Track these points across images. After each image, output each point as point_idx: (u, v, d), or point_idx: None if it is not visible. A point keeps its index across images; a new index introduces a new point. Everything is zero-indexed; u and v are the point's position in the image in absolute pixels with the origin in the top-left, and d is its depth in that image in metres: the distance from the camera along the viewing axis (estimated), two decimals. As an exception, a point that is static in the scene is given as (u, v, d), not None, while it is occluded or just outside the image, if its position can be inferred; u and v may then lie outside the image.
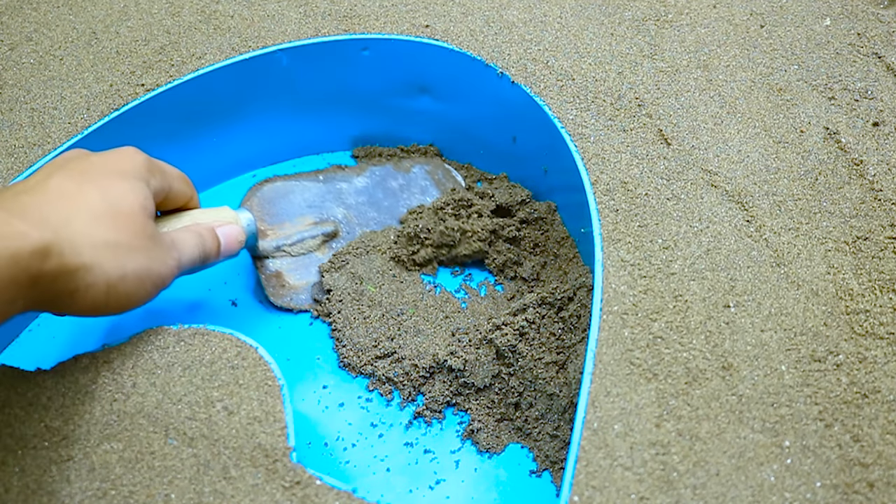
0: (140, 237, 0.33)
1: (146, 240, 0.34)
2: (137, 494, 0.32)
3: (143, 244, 0.34)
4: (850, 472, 0.32)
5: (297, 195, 0.52)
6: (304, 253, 0.49)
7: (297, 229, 0.49)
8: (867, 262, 0.39)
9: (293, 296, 0.48)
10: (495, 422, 0.43)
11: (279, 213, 0.51)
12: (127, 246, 0.33)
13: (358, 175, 0.54)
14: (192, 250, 0.38)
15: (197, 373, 0.36)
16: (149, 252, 0.34)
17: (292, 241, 0.48)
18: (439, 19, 0.52)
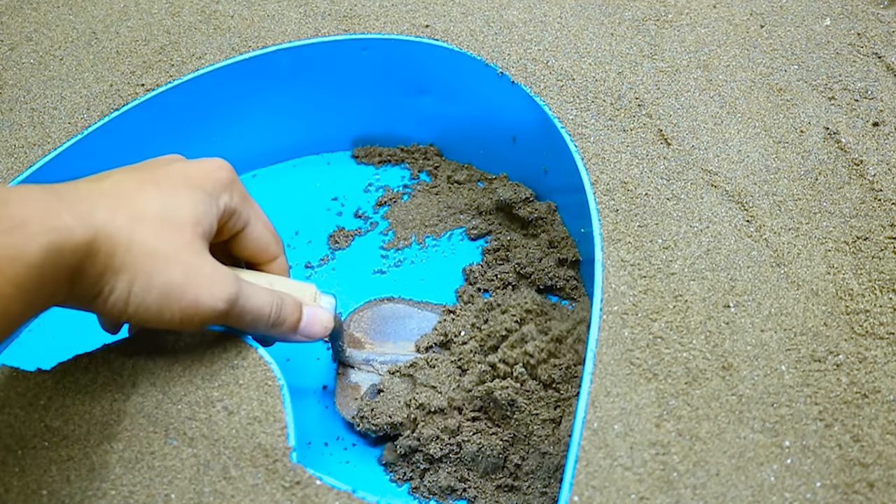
0: (184, 252, 0.31)
1: (190, 256, 0.31)
2: (137, 494, 0.32)
3: (185, 260, 0.31)
4: (850, 472, 0.32)
5: (413, 321, 0.48)
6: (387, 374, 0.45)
7: (396, 351, 0.46)
8: (867, 262, 0.39)
9: (352, 411, 0.44)
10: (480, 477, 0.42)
11: (387, 332, 0.47)
12: (164, 255, 0.30)
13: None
14: (260, 305, 0.34)
15: (197, 373, 0.36)
16: (188, 270, 0.31)
17: (384, 360, 0.45)
18: (439, 19, 0.52)
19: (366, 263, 0.52)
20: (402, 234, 0.53)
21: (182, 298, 0.31)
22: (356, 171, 0.57)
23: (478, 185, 0.56)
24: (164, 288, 0.30)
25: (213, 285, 0.31)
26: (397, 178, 0.57)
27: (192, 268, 0.31)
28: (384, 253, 0.52)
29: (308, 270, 0.52)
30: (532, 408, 0.42)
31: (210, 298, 0.31)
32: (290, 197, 0.56)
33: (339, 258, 0.52)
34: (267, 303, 0.34)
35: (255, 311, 0.34)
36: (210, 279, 0.31)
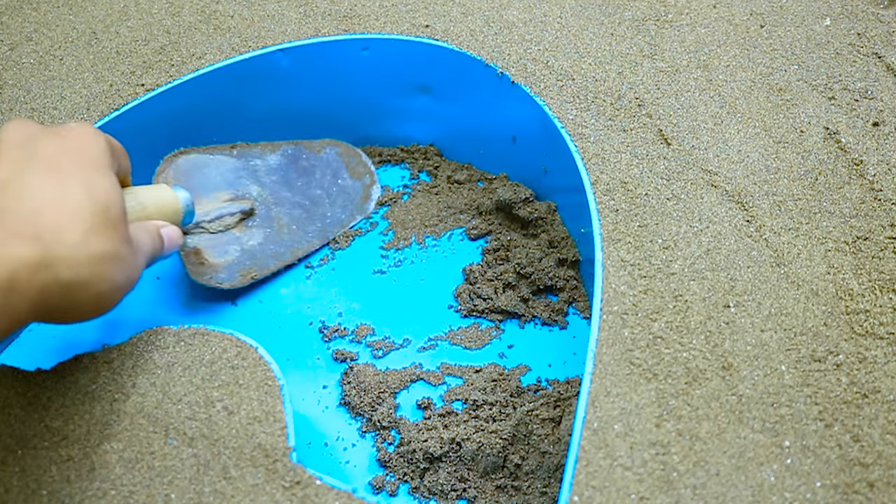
0: (125, 245, 0.32)
1: (128, 247, 0.32)
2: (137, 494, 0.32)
3: (127, 252, 0.32)
4: (850, 472, 0.32)
5: (212, 169, 0.50)
6: (221, 230, 0.48)
7: (215, 205, 0.49)
8: (867, 262, 0.39)
9: (213, 274, 0.48)
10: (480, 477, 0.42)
11: (195, 186, 0.49)
12: (116, 256, 0.31)
13: (271, 153, 0.53)
14: (147, 251, 0.36)
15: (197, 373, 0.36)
16: (129, 259, 0.33)
17: (210, 218, 0.48)
18: (439, 19, 0.52)
19: (366, 263, 0.52)
20: (402, 234, 0.53)
21: (130, 284, 0.33)
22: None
23: (478, 185, 0.56)
24: (123, 283, 0.32)
25: (136, 260, 0.33)
26: (397, 178, 0.57)
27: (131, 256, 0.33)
28: (384, 253, 0.52)
29: (308, 270, 0.52)
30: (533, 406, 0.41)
31: (137, 272, 0.34)
32: (290, 197, 0.56)
33: (339, 258, 0.52)
34: (150, 246, 0.36)
35: (145, 259, 0.35)
36: (137, 259, 0.33)
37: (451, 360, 0.47)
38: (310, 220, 0.52)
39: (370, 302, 0.50)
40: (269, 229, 0.50)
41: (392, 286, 0.51)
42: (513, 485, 0.41)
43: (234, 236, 0.49)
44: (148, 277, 0.51)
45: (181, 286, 0.50)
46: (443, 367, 0.46)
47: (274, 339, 0.48)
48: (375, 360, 0.47)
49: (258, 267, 0.49)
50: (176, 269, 0.51)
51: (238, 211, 0.49)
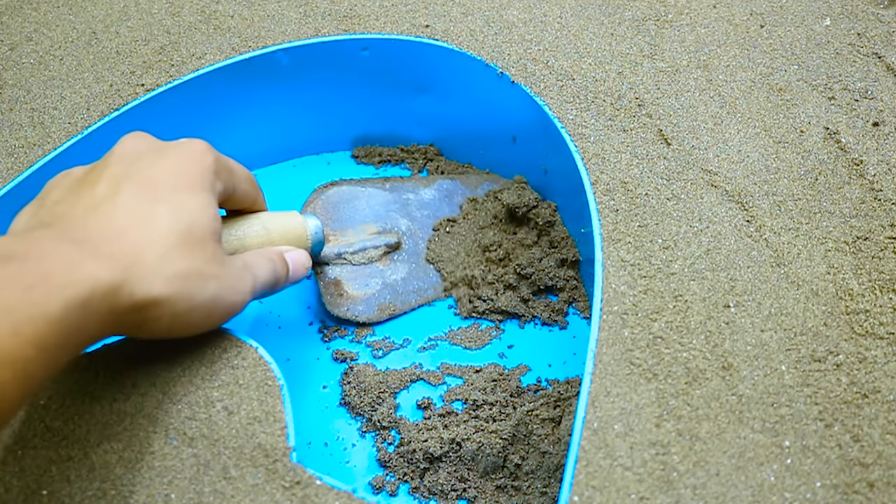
0: (211, 264, 0.32)
1: (217, 267, 0.32)
2: (137, 494, 0.32)
3: (215, 272, 0.32)
4: (850, 472, 0.32)
5: (362, 201, 0.49)
6: (364, 263, 0.47)
7: (360, 237, 0.48)
8: (867, 262, 0.39)
9: (351, 306, 0.46)
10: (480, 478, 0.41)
11: (343, 218, 0.49)
12: (198, 275, 0.31)
13: (425, 187, 0.52)
14: (265, 276, 0.36)
15: (197, 373, 0.36)
16: (220, 280, 0.32)
17: (354, 250, 0.47)
18: (439, 19, 0.52)
19: (366, 263, 0.52)
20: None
21: (220, 306, 0.33)
22: (356, 171, 0.57)
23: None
24: (206, 304, 0.32)
25: (239, 283, 0.33)
26: (397, 178, 0.57)
27: (223, 277, 0.32)
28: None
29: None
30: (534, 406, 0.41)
31: (239, 296, 0.34)
32: (290, 197, 0.56)
33: (339, 258, 0.52)
34: (269, 271, 0.36)
35: (263, 284, 0.36)
36: (235, 281, 0.33)
37: (451, 361, 0.47)
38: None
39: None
40: (414, 264, 0.49)
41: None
42: (513, 485, 0.41)
43: (378, 269, 0.47)
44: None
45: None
46: (443, 367, 0.46)
47: (274, 339, 0.48)
48: (375, 360, 0.47)
49: (399, 302, 0.48)
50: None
51: (383, 244, 0.48)
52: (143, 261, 0.29)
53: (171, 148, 0.34)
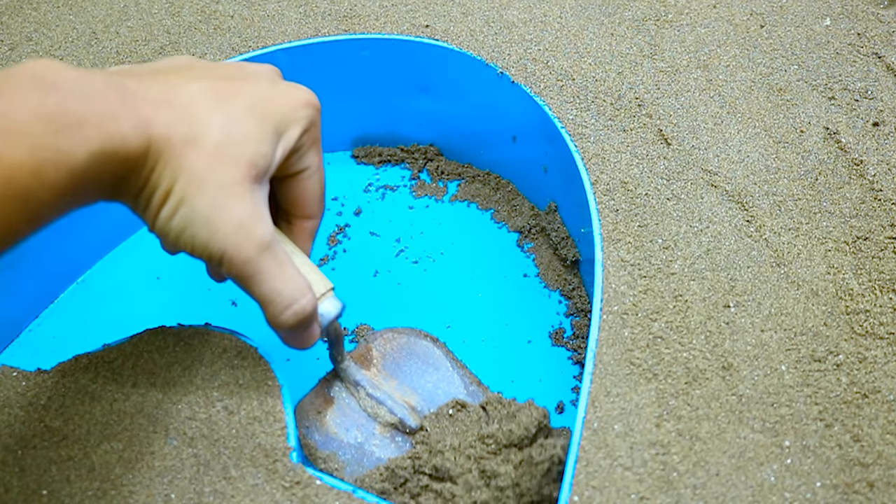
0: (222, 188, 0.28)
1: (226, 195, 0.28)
2: (137, 494, 0.32)
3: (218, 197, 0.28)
4: (850, 472, 0.32)
5: (433, 376, 0.42)
6: (367, 412, 0.40)
7: (393, 393, 0.40)
8: (867, 262, 0.39)
9: (309, 430, 0.39)
10: None
11: (402, 370, 0.42)
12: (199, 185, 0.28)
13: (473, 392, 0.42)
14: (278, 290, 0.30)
15: (197, 373, 0.36)
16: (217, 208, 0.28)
17: (372, 394, 0.39)
18: (439, 19, 0.52)
19: (366, 264, 0.52)
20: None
21: (203, 233, 0.28)
22: (356, 171, 0.57)
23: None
24: (190, 215, 0.28)
25: (239, 235, 0.29)
26: (397, 178, 0.57)
27: (226, 208, 0.28)
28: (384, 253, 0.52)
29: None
30: None
31: (229, 247, 0.29)
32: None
33: (340, 258, 0.52)
34: (287, 294, 0.30)
35: (268, 293, 0.30)
36: (239, 227, 0.28)
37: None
38: None
39: (370, 302, 0.50)
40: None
41: (392, 286, 0.51)
42: None
43: (371, 430, 0.39)
44: (148, 277, 0.51)
45: (181, 286, 0.50)
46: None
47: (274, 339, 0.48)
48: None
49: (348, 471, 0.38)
50: (176, 269, 0.51)
51: (399, 418, 0.39)
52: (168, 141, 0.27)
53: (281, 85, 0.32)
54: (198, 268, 0.52)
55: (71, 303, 0.50)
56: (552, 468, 0.34)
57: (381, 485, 0.36)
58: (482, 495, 0.35)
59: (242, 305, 0.49)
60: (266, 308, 0.30)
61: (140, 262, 0.52)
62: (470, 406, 0.39)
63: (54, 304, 0.49)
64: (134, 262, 0.52)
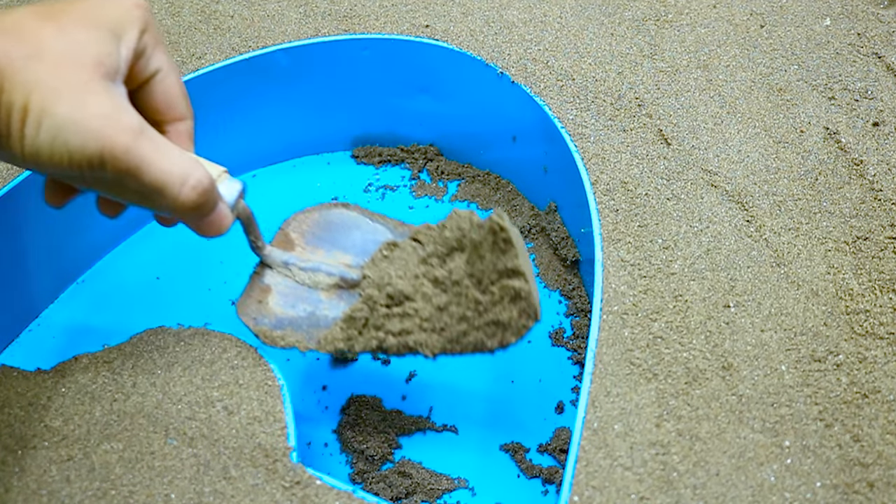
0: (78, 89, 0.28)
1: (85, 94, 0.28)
2: (137, 494, 0.32)
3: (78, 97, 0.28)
4: (850, 472, 0.32)
5: (361, 232, 0.42)
6: (308, 285, 0.40)
7: (320, 257, 0.41)
8: (867, 262, 0.39)
9: (258, 316, 0.39)
10: None
11: (328, 240, 0.42)
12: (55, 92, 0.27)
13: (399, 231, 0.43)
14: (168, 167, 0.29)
15: (197, 373, 0.36)
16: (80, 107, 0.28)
17: (304, 266, 0.40)
18: (439, 19, 0.52)
19: (366, 263, 0.52)
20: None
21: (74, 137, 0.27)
22: (356, 171, 0.57)
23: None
24: (55, 124, 0.27)
25: (109, 126, 0.28)
26: (397, 178, 0.57)
27: (87, 105, 0.28)
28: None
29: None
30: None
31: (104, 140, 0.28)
32: (290, 197, 0.56)
33: (339, 258, 0.52)
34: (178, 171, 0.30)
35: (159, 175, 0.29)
36: (106, 119, 0.28)
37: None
38: None
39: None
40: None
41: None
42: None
43: (317, 297, 0.40)
44: (148, 277, 0.51)
45: (181, 286, 0.50)
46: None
47: (274, 339, 0.48)
48: (375, 361, 0.47)
49: (309, 338, 0.39)
50: (176, 270, 0.51)
51: (339, 275, 0.39)
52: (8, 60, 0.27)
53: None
54: (198, 268, 0.52)
55: (71, 303, 0.50)
56: (496, 240, 0.34)
57: (344, 335, 0.37)
58: (442, 298, 0.36)
59: (242, 305, 0.50)
60: (163, 194, 0.30)
61: (140, 262, 0.52)
62: (402, 242, 0.40)
63: (54, 304, 0.49)
64: (134, 262, 0.52)
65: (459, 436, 0.44)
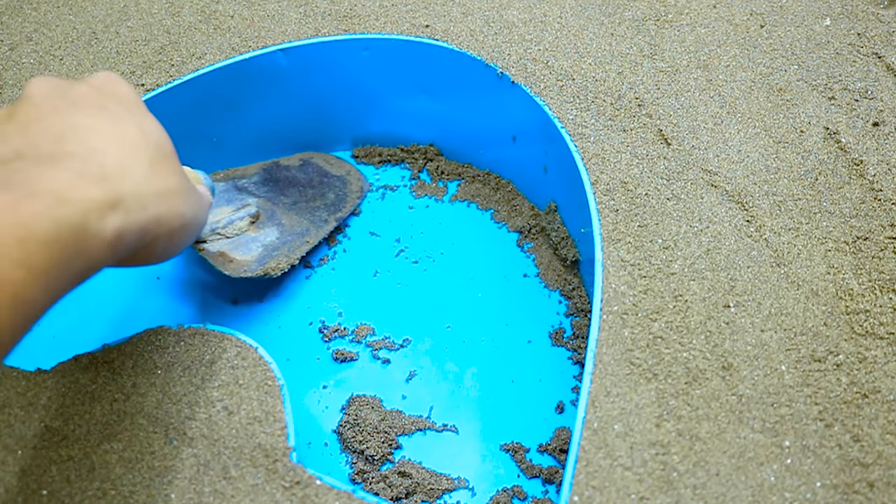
0: (185, 180, 0.31)
1: (189, 182, 0.32)
2: (137, 494, 0.32)
3: (189, 186, 0.32)
4: (850, 472, 0.32)
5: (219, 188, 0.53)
6: (237, 234, 0.50)
7: (225, 214, 0.50)
8: (867, 262, 0.39)
9: (245, 268, 0.48)
10: None
11: None
12: (181, 190, 0.30)
13: (254, 173, 0.55)
14: (205, 193, 0.35)
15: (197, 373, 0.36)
16: (194, 195, 0.32)
17: (224, 224, 0.49)
18: (439, 19, 0.52)
19: (366, 264, 0.52)
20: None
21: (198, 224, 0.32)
22: (356, 171, 0.57)
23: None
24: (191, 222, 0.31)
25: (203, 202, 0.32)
26: (397, 177, 0.57)
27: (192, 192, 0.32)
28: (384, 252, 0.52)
29: (308, 270, 0.52)
30: None
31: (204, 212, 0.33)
32: (290, 197, 0.56)
33: (339, 258, 0.52)
34: (202, 189, 0.35)
35: (205, 199, 0.35)
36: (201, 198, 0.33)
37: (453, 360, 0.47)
38: (314, 211, 0.54)
39: (370, 302, 0.50)
40: (279, 226, 0.52)
41: (392, 286, 0.51)
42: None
43: (251, 237, 0.50)
44: (148, 277, 0.51)
45: (181, 286, 0.50)
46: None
47: (274, 339, 0.48)
48: (375, 361, 0.47)
49: (286, 256, 0.49)
50: (176, 270, 0.51)
51: (246, 215, 0.50)
52: (133, 176, 0.28)
53: (90, 78, 0.32)
54: (198, 268, 0.52)
55: (71, 303, 0.50)
56: None
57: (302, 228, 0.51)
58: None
59: (242, 305, 0.50)
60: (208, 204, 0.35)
61: (140, 262, 0.52)
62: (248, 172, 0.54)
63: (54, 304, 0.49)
64: (134, 262, 0.52)
65: (459, 436, 0.44)
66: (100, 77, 0.32)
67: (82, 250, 0.25)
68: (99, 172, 0.27)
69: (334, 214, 0.54)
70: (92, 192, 0.26)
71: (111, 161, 0.28)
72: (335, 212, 0.54)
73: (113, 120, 0.29)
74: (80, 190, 0.26)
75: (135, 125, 0.30)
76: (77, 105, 0.29)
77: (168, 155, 0.31)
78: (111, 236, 0.26)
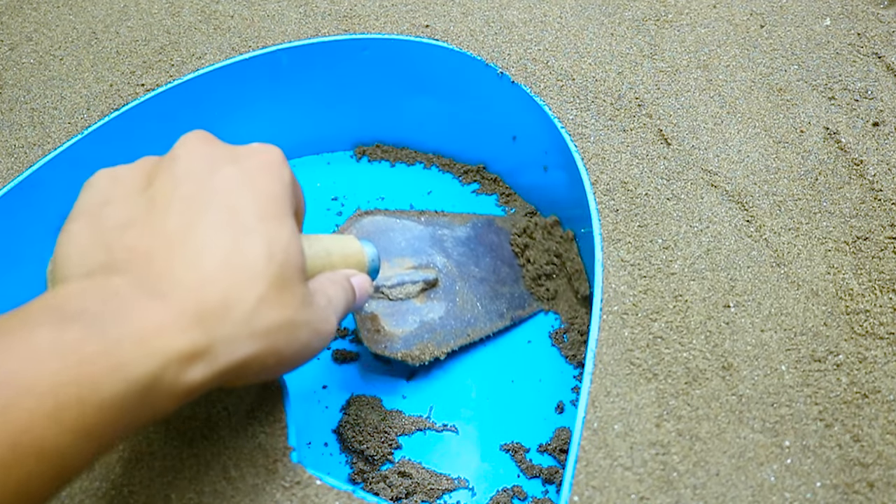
0: (302, 310, 0.27)
1: (308, 311, 0.27)
2: (137, 494, 0.32)
3: (306, 318, 0.27)
4: (850, 472, 0.32)
5: (397, 234, 0.47)
6: (402, 298, 0.44)
7: (397, 271, 0.45)
8: (867, 262, 0.39)
9: (388, 343, 0.44)
10: None
11: (380, 249, 0.45)
12: (290, 324, 0.26)
13: (460, 224, 0.49)
14: (340, 305, 0.31)
15: (197, 373, 0.36)
16: (309, 326, 0.27)
17: (391, 284, 0.44)
18: (439, 19, 0.52)
19: (366, 263, 0.52)
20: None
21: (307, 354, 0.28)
22: (356, 171, 0.57)
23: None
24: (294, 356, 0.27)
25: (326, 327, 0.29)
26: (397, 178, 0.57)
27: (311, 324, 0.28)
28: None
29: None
30: None
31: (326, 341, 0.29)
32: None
33: (339, 258, 0.52)
34: (344, 301, 0.31)
35: (339, 311, 0.31)
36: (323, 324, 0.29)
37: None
38: (494, 299, 0.48)
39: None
40: (451, 304, 0.46)
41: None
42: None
43: (415, 306, 0.45)
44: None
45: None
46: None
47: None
48: (375, 361, 0.47)
49: (437, 343, 0.44)
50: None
51: (421, 280, 0.45)
52: (234, 317, 0.24)
53: (246, 158, 0.28)
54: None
55: (71, 303, 0.50)
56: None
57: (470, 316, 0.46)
58: None
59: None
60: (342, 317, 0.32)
61: (140, 262, 0.52)
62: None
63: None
64: (134, 262, 0.52)
65: (459, 436, 0.44)
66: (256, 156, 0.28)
67: (146, 406, 0.22)
68: (196, 313, 0.23)
69: (513, 312, 0.47)
70: (179, 343, 0.22)
71: (214, 297, 0.24)
72: (516, 308, 0.47)
73: (237, 232, 0.25)
74: (168, 338, 0.22)
75: (263, 241, 0.26)
76: (210, 202, 0.26)
77: (290, 278, 0.26)
78: (183, 391, 0.23)
